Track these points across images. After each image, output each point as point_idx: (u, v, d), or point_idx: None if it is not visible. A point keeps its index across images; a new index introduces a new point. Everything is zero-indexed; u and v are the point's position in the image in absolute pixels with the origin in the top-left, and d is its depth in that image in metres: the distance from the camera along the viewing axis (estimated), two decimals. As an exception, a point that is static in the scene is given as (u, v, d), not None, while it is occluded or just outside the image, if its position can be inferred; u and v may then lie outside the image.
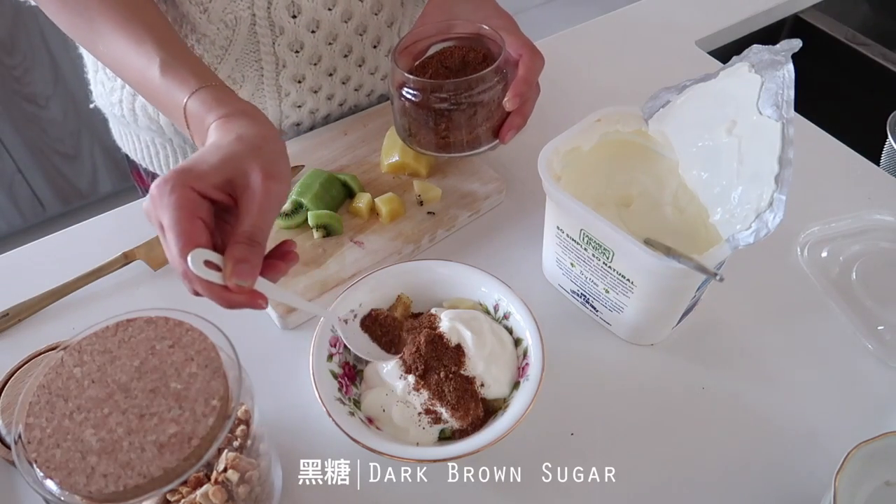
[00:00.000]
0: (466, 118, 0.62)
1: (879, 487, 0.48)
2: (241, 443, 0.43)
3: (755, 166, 0.48)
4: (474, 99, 0.60)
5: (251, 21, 0.65)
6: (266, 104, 0.73)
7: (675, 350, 0.60)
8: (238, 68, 0.69)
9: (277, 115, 0.75)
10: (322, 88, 0.75)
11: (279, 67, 0.70)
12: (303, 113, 0.76)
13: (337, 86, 0.76)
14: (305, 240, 0.65)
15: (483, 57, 0.64)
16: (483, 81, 0.60)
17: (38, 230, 1.76)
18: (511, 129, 0.63)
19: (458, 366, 0.52)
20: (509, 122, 0.63)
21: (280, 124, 0.76)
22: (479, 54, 0.64)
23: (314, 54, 0.71)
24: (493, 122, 0.63)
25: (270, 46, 0.68)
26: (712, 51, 0.94)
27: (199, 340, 0.41)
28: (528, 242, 0.67)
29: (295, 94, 0.73)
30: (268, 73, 0.70)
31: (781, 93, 0.47)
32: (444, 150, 0.65)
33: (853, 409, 0.56)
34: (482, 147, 0.65)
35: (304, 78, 0.72)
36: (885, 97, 0.95)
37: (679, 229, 0.56)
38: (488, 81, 0.60)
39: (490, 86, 0.60)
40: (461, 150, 0.65)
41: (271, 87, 0.71)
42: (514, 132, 0.64)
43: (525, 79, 0.61)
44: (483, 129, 0.63)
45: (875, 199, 0.72)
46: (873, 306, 0.62)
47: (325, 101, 0.77)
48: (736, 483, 0.52)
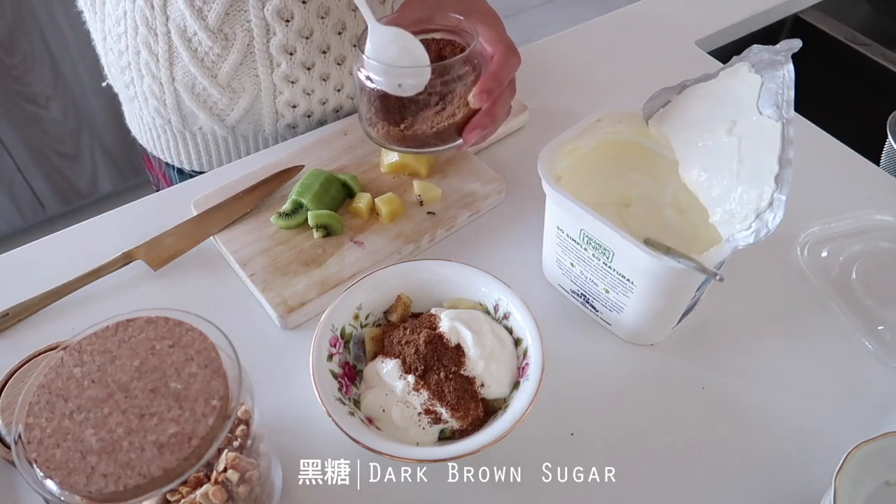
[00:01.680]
0: (430, 111, 0.59)
1: (879, 487, 0.48)
2: (241, 443, 0.43)
3: (755, 166, 0.48)
4: (439, 89, 0.57)
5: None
6: (258, 71, 0.72)
7: (675, 350, 0.60)
8: (228, 23, 0.68)
9: (270, 87, 0.74)
10: (315, 66, 0.74)
11: (269, 34, 0.69)
12: (296, 90, 0.75)
13: (331, 66, 0.75)
14: (305, 240, 0.65)
15: (461, 52, 0.61)
16: (448, 70, 0.57)
17: (38, 230, 1.76)
18: (476, 129, 0.59)
19: (458, 366, 0.52)
20: (475, 120, 0.59)
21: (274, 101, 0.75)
22: (458, 48, 0.62)
23: (305, 27, 0.70)
24: (458, 118, 0.59)
25: (260, 11, 0.67)
26: (712, 51, 0.94)
27: (198, 340, 0.41)
28: (528, 242, 0.67)
29: (286, 66, 0.72)
30: (258, 38, 0.69)
31: (781, 93, 0.47)
32: (404, 144, 0.61)
33: (853, 409, 0.56)
34: (444, 145, 0.61)
35: (295, 50, 0.71)
36: (885, 97, 0.95)
37: (679, 229, 0.56)
38: (455, 71, 0.57)
39: (457, 76, 0.57)
40: (422, 145, 0.61)
41: (262, 54, 0.71)
42: (479, 133, 0.59)
43: (494, 74, 0.57)
44: (447, 124, 0.60)
45: (875, 199, 0.72)
46: (873, 306, 0.62)
47: (319, 81, 0.75)
48: (736, 483, 0.52)
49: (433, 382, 0.51)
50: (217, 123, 0.77)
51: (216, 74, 0.72)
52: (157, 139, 0.82)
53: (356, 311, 0.56)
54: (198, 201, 0.68)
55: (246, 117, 0.76)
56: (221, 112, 0.76)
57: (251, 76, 0.72)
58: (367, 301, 0.56)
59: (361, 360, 0.56)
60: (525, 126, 0.79)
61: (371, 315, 0.57)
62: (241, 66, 0.71)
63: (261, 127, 0.78)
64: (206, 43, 0.70)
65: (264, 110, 0.76)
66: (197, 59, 0.71)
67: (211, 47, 0.70)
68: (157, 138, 0.82)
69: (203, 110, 0.75)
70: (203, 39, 0.69)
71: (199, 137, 0.79)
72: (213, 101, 0.75)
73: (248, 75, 0.72)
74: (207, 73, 0.72)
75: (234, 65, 0.71)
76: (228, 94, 0.74)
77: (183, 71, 0.72)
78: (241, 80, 0.73)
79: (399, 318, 0.57)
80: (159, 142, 0.82)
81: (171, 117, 0.77)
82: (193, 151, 0.81)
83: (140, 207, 0.70)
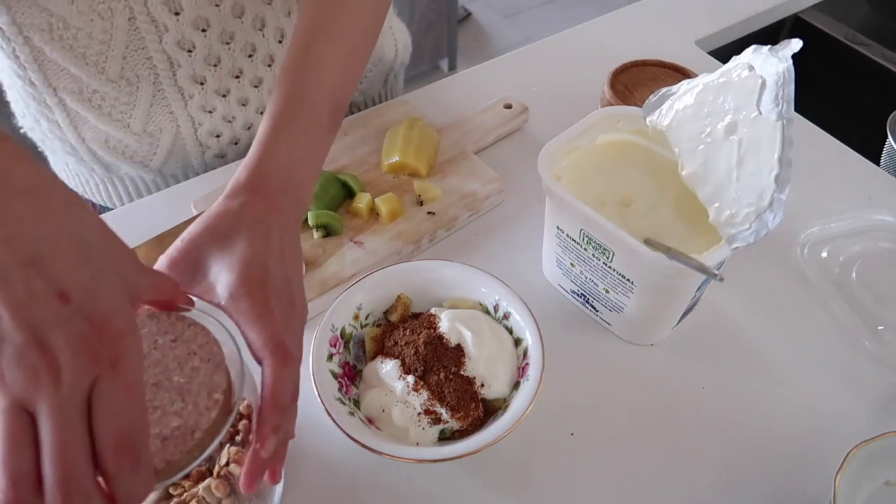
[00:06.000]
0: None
1: (879, 487, 0.48)
2: (243, 437, 0.43)
3: (755, 166, 0.48)
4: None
5: (129, 14, 0.60)
6: (172, 107, 0.68)
7: (675, 350, 0.60)
8: (129, 67, 0.64)
9: (188, 121, 0.70)
10: (230, 92, 0.69)
11: (174, 67, 0.65)
12: (216, 119, 0.71)
13: (248, 89, 0.71)
14: (305, 240, 0.65)
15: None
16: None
17: (38, 230, 1.75)
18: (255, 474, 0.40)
19: (457, 366, 0.52)
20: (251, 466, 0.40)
21: (196, 134, 0.71)
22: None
23: (210, 54, 0.66)
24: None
25: (158, 44, 0.63)
26: (712, 51, 0.94)
27: (200, 335, 0.41)
28: (528, 242, 0.67)
29: (199, 96, 0.68)
30: (163, 73, 0.65)
31: (781, 92, 0.47)
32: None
33: (853, 409, 0.56)
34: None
35: (205, 80, 0.67)
36: (885, 97, 0.95)
37: (679, 229, 0.56)
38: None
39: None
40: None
41: (171, 88, 0.67)
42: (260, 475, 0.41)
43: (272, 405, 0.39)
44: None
45: (875, 199, 0.72)
46: (873, 306, 0.62)
47: (237, 107, 0.71)
48: (736, 483, 0.52)
49: (433, 383, 0.51)
50: (142, 170, 0.73)
51: (128, 124, 0.68)
52: (84, 184, 0.78)
53: (356, 311, 0.56)
54: (197, 201, 0.68)
55: (171, 158, 0.73)
56: (144, 158, 0.72)
57: (165, 114, 0.68)
58: (367, 301, 0.56)
59: (361, 360, 0.56)
60: (525, 126, 0.79)
61: (371, 315, 0.57)
62: (151, 107, 0.67)
63: (188, 163, 0.74)
64: (110, 96, 0.65)
65: (188, 146, 0.72)
66: (103, 115, 0.67)
67: (116, 98, 0.66)
68: (86, 182, 0.78)
69: (124, 161, 0.72)
70: (106, 94, 0.65)
71: (127, 181, 0.76)
72: (132, 150, 0.71)
73: (162, 114, 0.68)
74: (119, 125, 0.68)
75: (145, 108, 0.67)
76: (146, 139, 0.70)
77: (92, 131, 0.69)
78: (157, 120, 0.68)
79: (399, 318, 0.57)
80: (88, 186, 0.78)
81: (93, 167, 0.74)
82: (125, 194, 0.78)
83: (140, 207, 0.70)
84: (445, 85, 0.85)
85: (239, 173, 0.45)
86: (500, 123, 0.77)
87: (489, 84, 0.84)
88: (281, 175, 0.45)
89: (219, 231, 0.41)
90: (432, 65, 2.37)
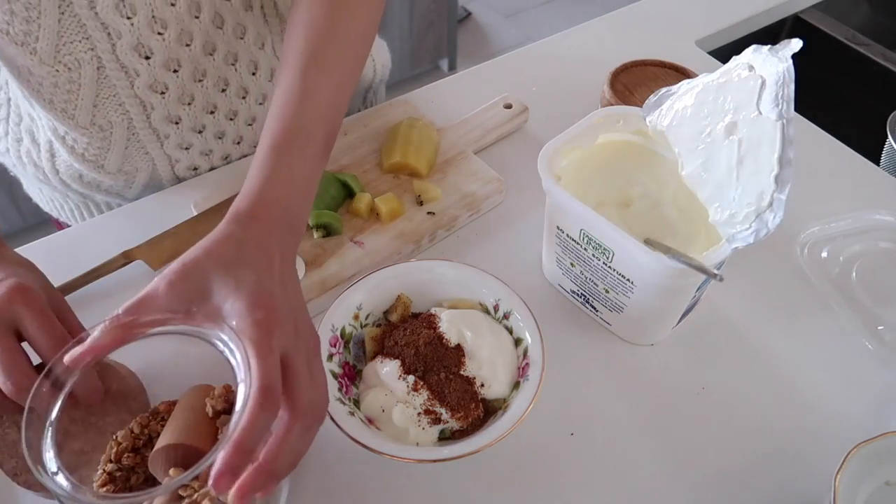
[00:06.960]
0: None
1: (879, 487, 0.48)
2: None
3: (755, 166, 0.48)
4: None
5: (97, 64, 0.59)
6: (147, 148, 0.68)
7: (675, 350, 0.60)
8: (101, 114, 0.63)
9: (164, 159, 0.69)
10: (206, 128, 0.69)
11: (147, 110, 0.64)
12: (193, 154, 0.71)
13: (224, 122, 0.70)
14: (305, 239, 0.65)
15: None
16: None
17: (38, 230, 1.76)
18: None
19: (457, 366, 0.52)
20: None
21: (173, 170, 0.71)
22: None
23: (184, 94, 0.65)
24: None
25: (130, 89, 0.62)
26: (712, 51, 0.94)
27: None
28: (528, 242, 0.67)
29: (175, 135, 0.68)
30: (137, 117, 0.64)
31: (781, 92, 0.47)
32: None
33: (853, 409, 0.56)
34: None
35: (180, 119, 0.67)
36: (885, 97, 0.95)
37: (679, 229, 0.56)
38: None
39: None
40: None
41: (145, 131, 0.66)
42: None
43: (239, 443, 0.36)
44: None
45: (875, 199, 0.72)
46: (873, 306, 0.62)
47: (214, 140, 0.71)
48: (736, 483, 0.52)
49: (433, 383, 0.51)
50: (118, 199, 0.74)
51: (102, 165, 0.68)
52: (60, 208, 0.78)
53: (356, 311, 0.56)
54: (197, 201, 0.68)
55: (147, 191, 0.72)
56: (120, 191, 0.72)
57: (141, 155, 0.68)
58: (367, 301, 0.56)
59: (361, 360, 0.56)
60: (525, 126, 0.79)
61: (371, 315, 0.57)
62: (126, 149, 0.67)
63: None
64: (81, 140, 0.65)
65: (164, 180, 0.72)
66: (76, 154, 0.67)
67: (89, 143, 0.65)
68: (61, 207, 0.78)
69: (99, 193, 0.72)
70: (78, 138, 0.65)
71: (103, 206, 0.76)
72: (107, 185, 0.71)
73: (137, 156, 0.68)
74: (92, 165, 0.67)
75: (120, 150, 0.67)
76: (122, 177, 0.70)
77: (65, 164, 0.69)
78: (132, 161, 0.68)
79: (399, 318, 0.56)
80: (63, 210, 0.78)
81: (68, 193, 0.74)
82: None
83: (140, 207, 0.70)
84: (445, 85, 0.85)
85: (239, 200, 0.45)
86: (500, 123, 0.77)
87: (489, 84, 0.84)
88: (282, 205, 0.46)
89: (222, 256, 0.41)
90: (432, 65, 2.37)
